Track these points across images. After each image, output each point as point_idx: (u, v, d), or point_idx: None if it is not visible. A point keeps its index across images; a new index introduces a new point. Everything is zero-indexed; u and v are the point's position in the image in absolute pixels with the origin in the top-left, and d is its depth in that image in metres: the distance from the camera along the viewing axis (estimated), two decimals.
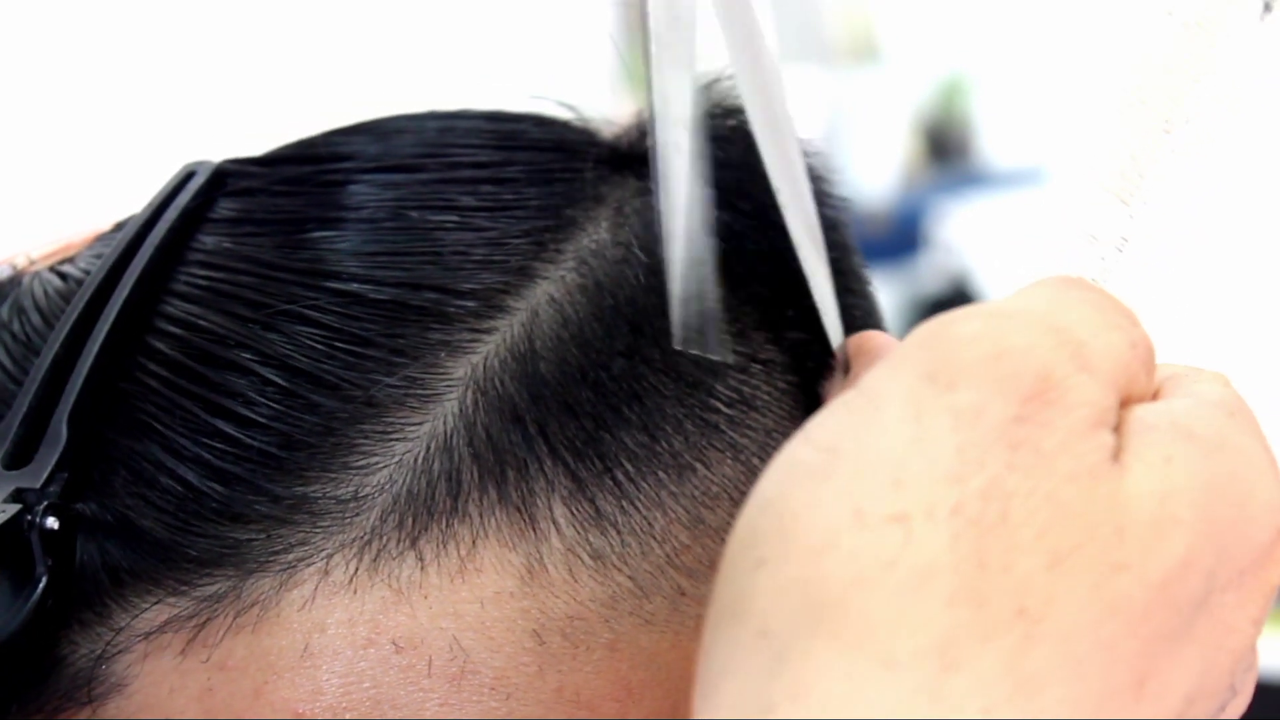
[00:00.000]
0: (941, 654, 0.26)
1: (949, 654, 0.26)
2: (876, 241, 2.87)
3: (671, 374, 0.36)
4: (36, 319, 0.38)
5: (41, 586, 0.34)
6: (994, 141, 3.44)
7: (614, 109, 0.43)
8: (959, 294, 2.70)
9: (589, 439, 0.35)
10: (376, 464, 0.35)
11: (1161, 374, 0.33)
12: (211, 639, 0.34)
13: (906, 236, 3.00)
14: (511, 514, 0.34)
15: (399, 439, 0.35)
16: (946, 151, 3.41)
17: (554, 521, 0.35)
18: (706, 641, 0.28)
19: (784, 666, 0.26)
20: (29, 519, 0.34)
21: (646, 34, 0.33)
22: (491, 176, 0.38)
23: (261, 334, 0.35)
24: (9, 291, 0.40)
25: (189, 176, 0.40)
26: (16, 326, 0.39)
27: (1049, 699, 0.26)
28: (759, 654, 0.27)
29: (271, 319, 0.36)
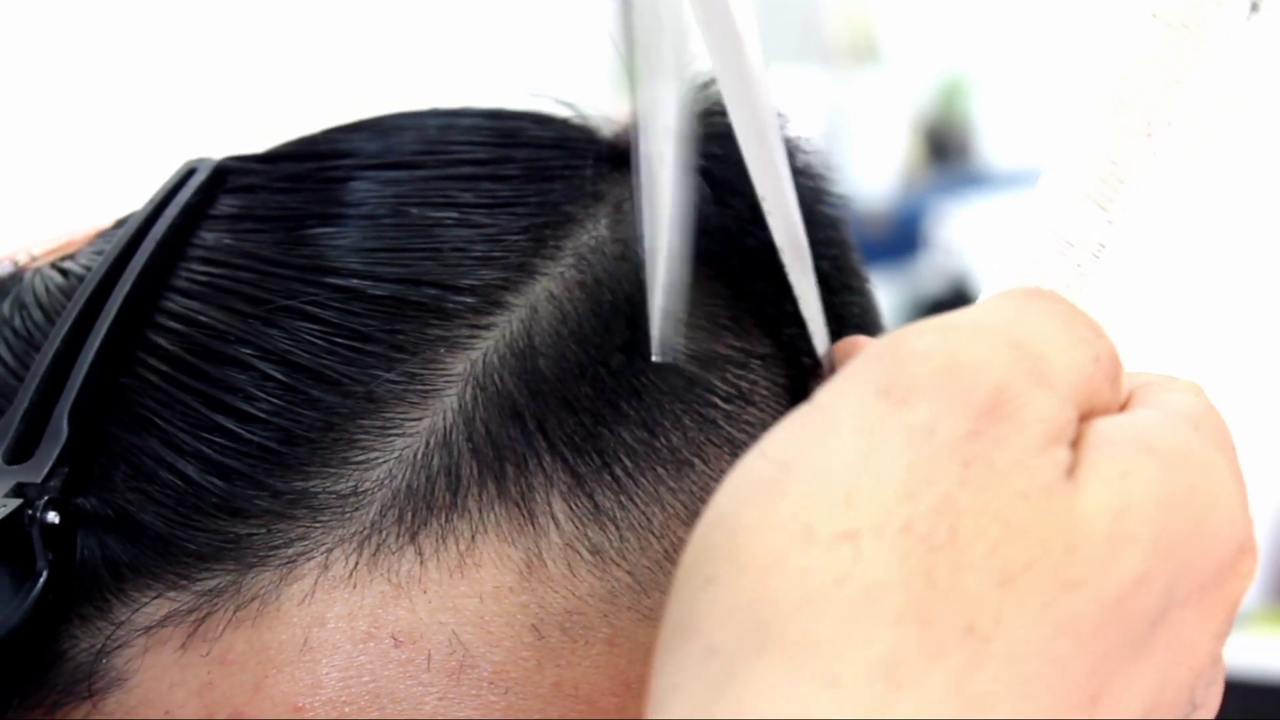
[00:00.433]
0: (888, 674, 0.26)
1: (896, 674, 0.26)
2: (876, 242, 2.87)
3: (670, 370, 0.37)
4: (38, 315, 0.39)
5: (42, 581, 0.34)
6: (994, 142, 3.45)
7: (613, 107, 0.44)
8: (959, 295, 2.70)
9: (588, 435, 0.35)
10: (376, 459, 0.35)
11: (1133, 383, 0.33)
12: (211, 633, 0.34)
13: (906, 237, 3.00)
14: (510, 509, 0.35)
15: (398, 434, 0.35)
16: (946, 152, 3.41)
17: (553, 517, 0.35)
18: (658, 658, 0.28)
19: (730, 685, 0.26)
20: (30, 513, 0.34)
21: (631, 42, 0.32)
22: (491, 174, 0.38)
23: (262, 329, 0.36)
24: (10, 287, 0.40)
25: (190, 173, 0.40)
26: (18, 322, 0.39)
27: (997, 718, 0.26)
28: (706, 672, 0.27)
29: (272, 315, 0.36)
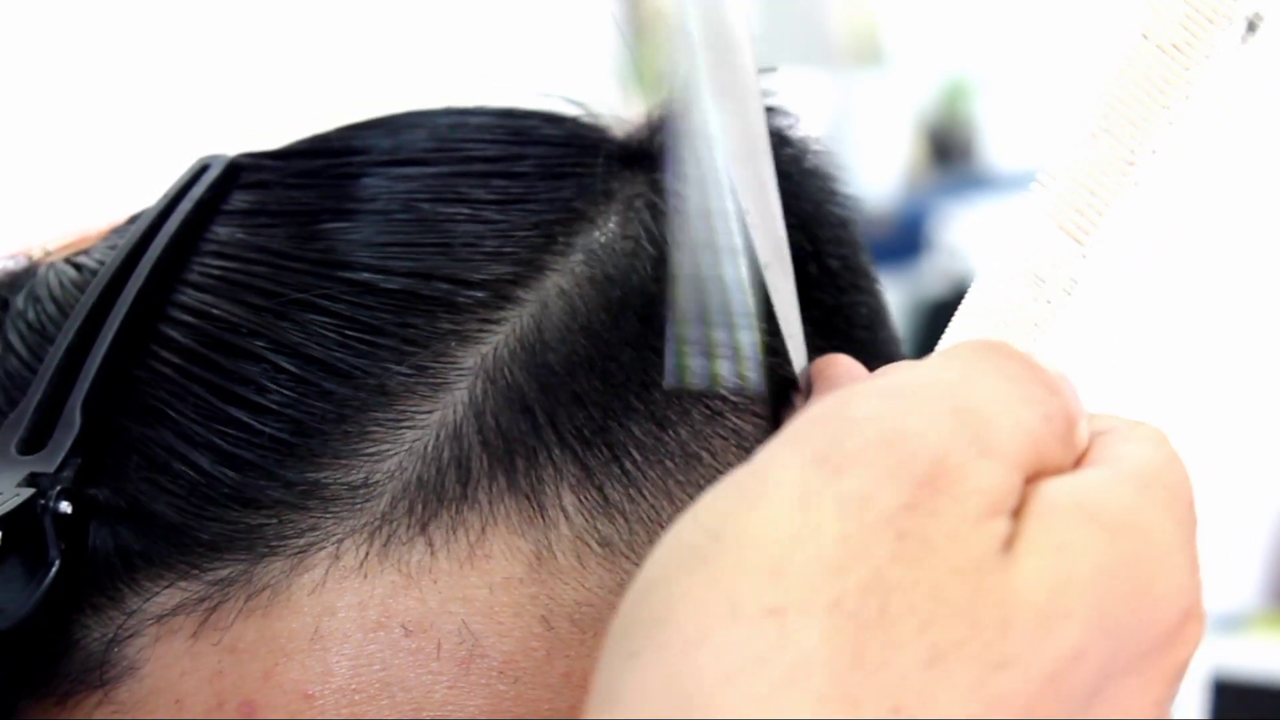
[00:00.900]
0: None
1: None
2: (879, 244, 2.87)
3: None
4: (51, 308, 0.39)
5: (54, 571, 0.34)
6: (997, 144, 3.45)
7: (621, 106, 0.44)
8: (961, 297, 2.70)
9: (597, 428, 0.36)
10: (387, 451, 0.35)
11: (1097, 426, 0.32)
12: (222, 622, 0.34)
13: (909, 239, 3.00)
14: (520, 501, 0.35)
15: (409, 427, 0.35)
16: (950, 154, 3.41)
17: (562, 509, 0.35)
18: None
19: None
20: (43, 503, 0.34)
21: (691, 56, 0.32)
22: (503, 171, 0.39)
23: (274, 322, 0.36)
24: (24, 281, 0.41)
25: (203, 169, 0.40)
26: (31, 315, 0.39)
27: None
28: None
29: (284, 308, 0.36)
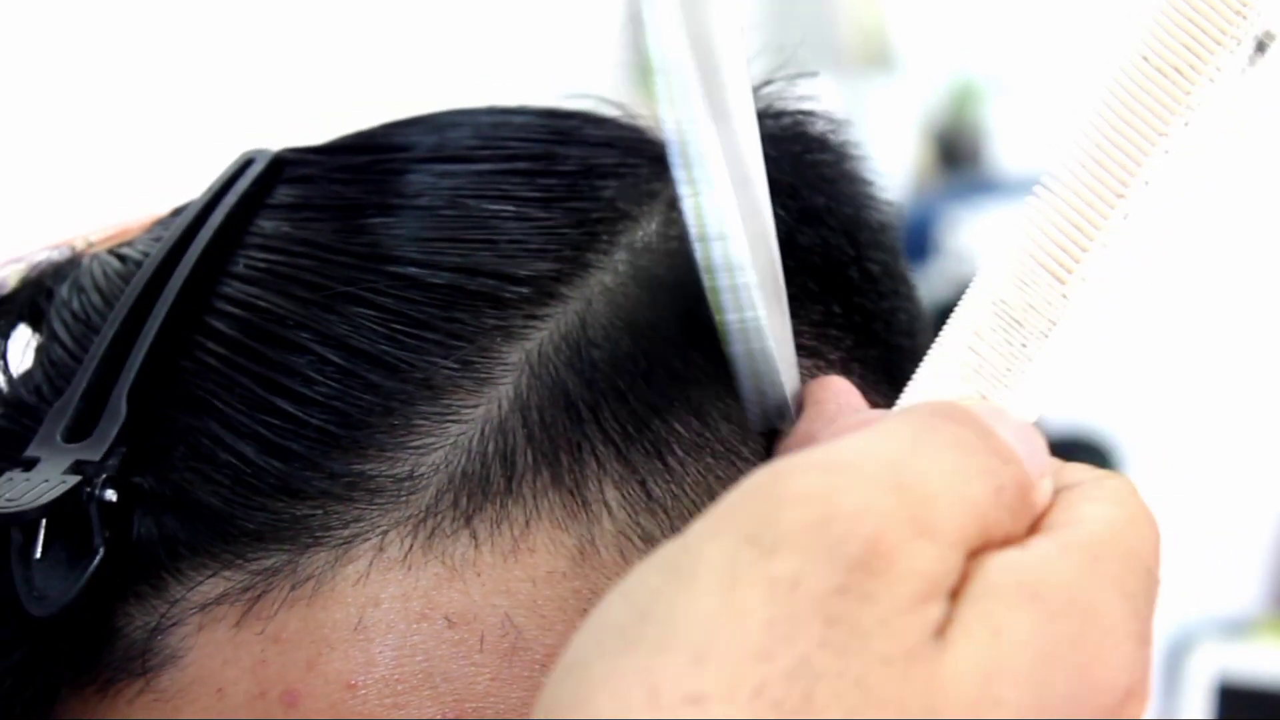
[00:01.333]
0: None
1: None
2: None
3: (721, 362, 0.37)
4: (96, 298, 0.39)
5: (99, 558, 0.34)
6: (1006, 149, 3.44)
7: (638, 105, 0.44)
8: None
9: (640, 424, 0.36)
10: (432, 444, 0.35)
11: (1063, 480, 0.32)
12: (266, 612, 0.34)
13: (917, 243, 2.99)
14: (564, 496, 0.35)
15: (454, 420, 0.35)
16: (958, 158, 3.41)
17: (605, 504, 0.35)
18: None
19: None
20: (88, 491, 0.34)
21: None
22: (546, 169, 0.39)
23: (320, 315, 0.36)
24: (68, 272, 0.41)
25: (248, 163, 0.40)
26: (76, 305, 0.39)
27: None
28: None
29: (331, 300, 0.36)
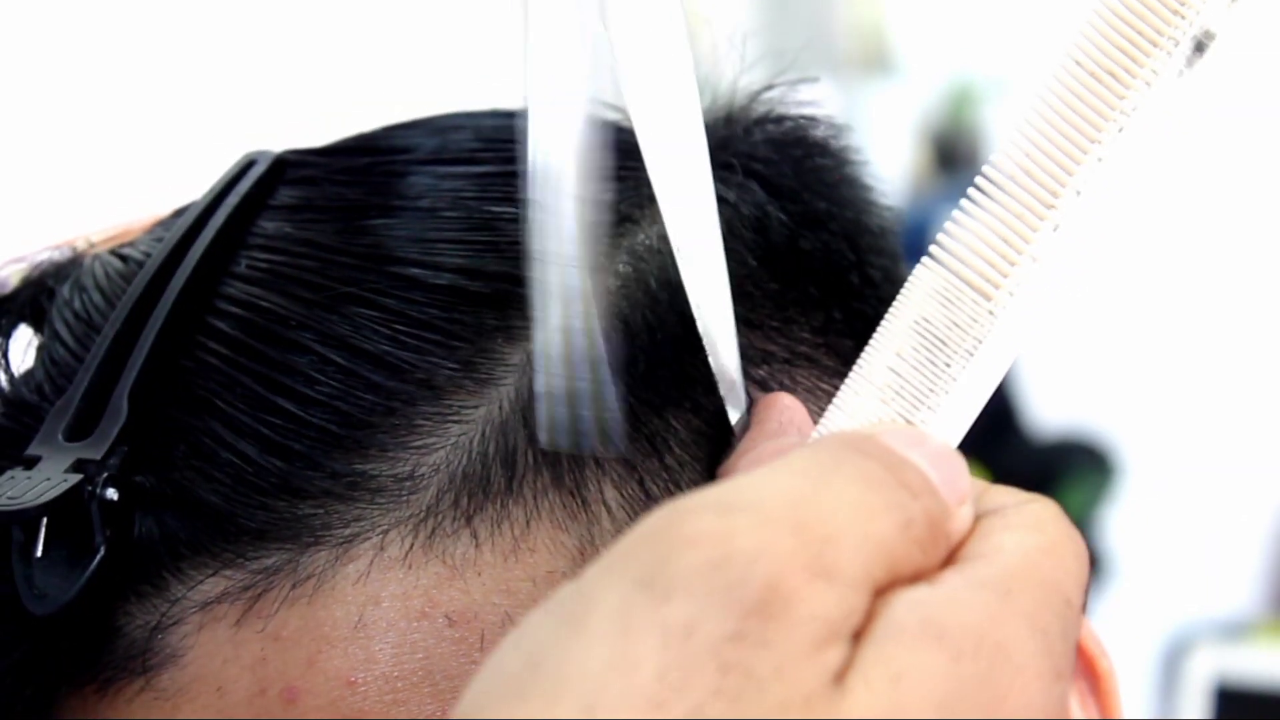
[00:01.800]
0: None
1: None
2: None
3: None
4: (97, 297, 0.39)
5: (99, 557, 0.34)
6: None
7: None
8: None
9: (639, 424, 0.36)
10: (434, 445, 0.35)
11: (986, 504, 0.31)
12: (266, 610, 0.34)
13: (915, 246, 2.99)
14: (565, 496, 0.35)
15: (455, 421, 0.35)
16: (956, 161, 3.41)
17: (605, 504, 0.35)
18: None
19: None
20: (90, 489, 0.35)
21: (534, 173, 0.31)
22: None
23: (322, 315, 0.36)
24: (70, 271, 0.41)
25: (250, 165, 0.41)
26: (78, 304, 0.39)
27: None
28: None
29: (332, 301, 0.36)
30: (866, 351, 0.33)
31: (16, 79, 1.24)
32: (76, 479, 0.35)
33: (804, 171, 0.41)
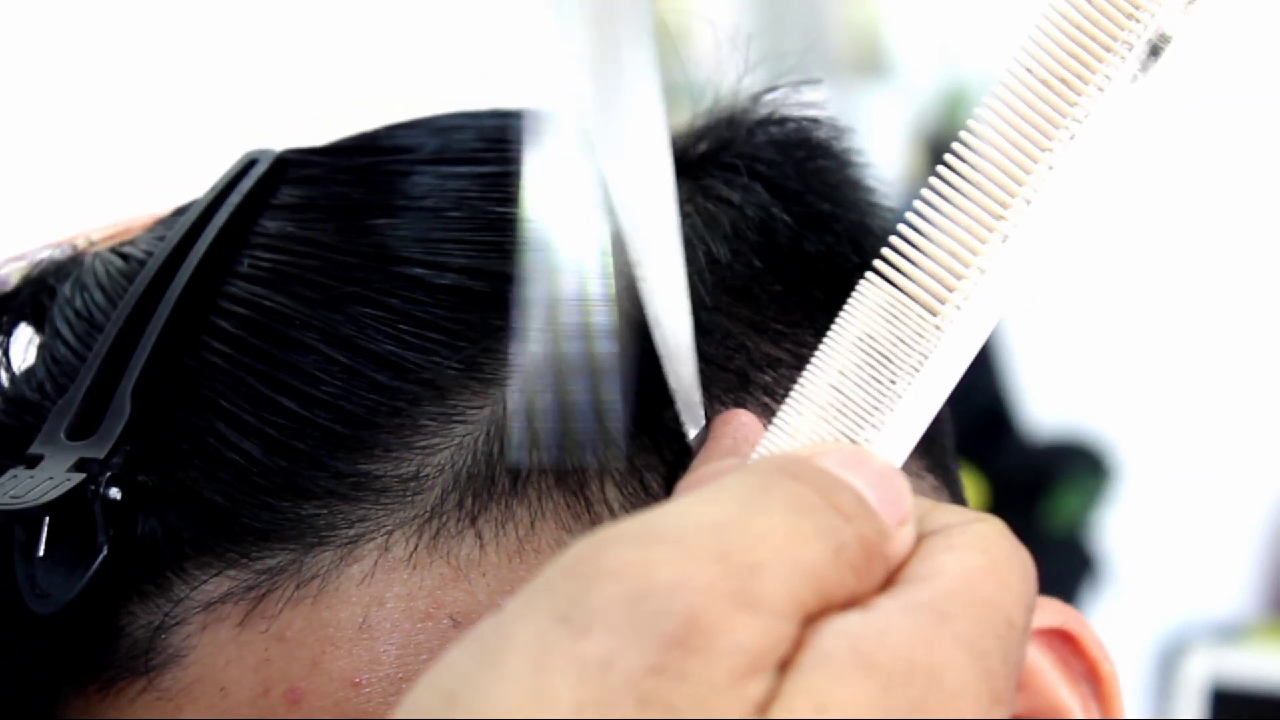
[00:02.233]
0: None
1: None
2: None
3: (719, 364, 0.37)
4: (99, 296, 0.39)
5: (102, 556, 0.34)
6: None
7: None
8: None
9: (640, 422, 0.36)
10: (438, 445, 0.35)
11: (930, 524, 0.30)
12: (270, 610, 0.34)
13: None
14: (568, 496, 0.35)
15: (460, 421, 0.35)
16: None
17: (607, 503, 0.35)
18: None
19: None
20: (93, 489, 0.34)
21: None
22: None
23: (326, 315, 0.36)
24: (70, 270, 0.41)
25: (251, 163, 0.40)
26: (79, 303, 0.39)
27: None
28: None
29: (336, 300, 0.36)
30: (809, 370, 0.33)
31: (16, 79, 1.24)
32: (79, 478, 0.34)
33: (807, 173, 0.41)
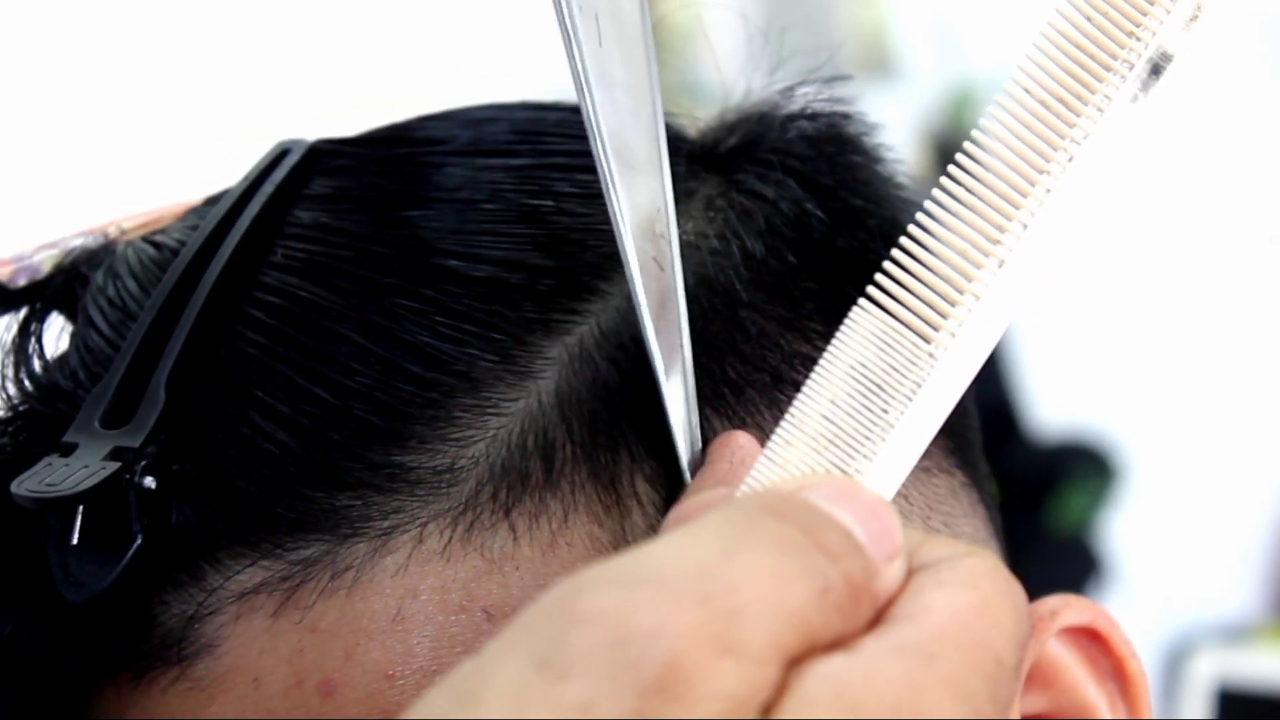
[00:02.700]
0: None
1: None
2: None
3: (754, 363, 0.37)
4: (132, 285, 0.39)
5: (136, 545, 0.34)
6: None
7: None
8: None
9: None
10: (473, 437, 0.35)
11: (921, 558, 0.30)
12: (304, 601, 0.34)
13: None
14: (600, 490, 0.35)
15: (494, 413, 0.35)
16: None
17: (637, 496, 0.35)
18: None
19: None
20: (128, 478, 0.34)
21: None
22: (584, 165, 0.39)
23: (361, 306, 0.36)
24: (102, 258, 0.41)
25: (284, 154, 0.40)
26: (112, 291, 0.39)
27: None
28: None
29: (371, 292, 0.36)
30: (800, 399, 0.32)
31: (16, 78, 1.24)
32: (115, 467, 0.34)
33: (839, 169, 0.41)
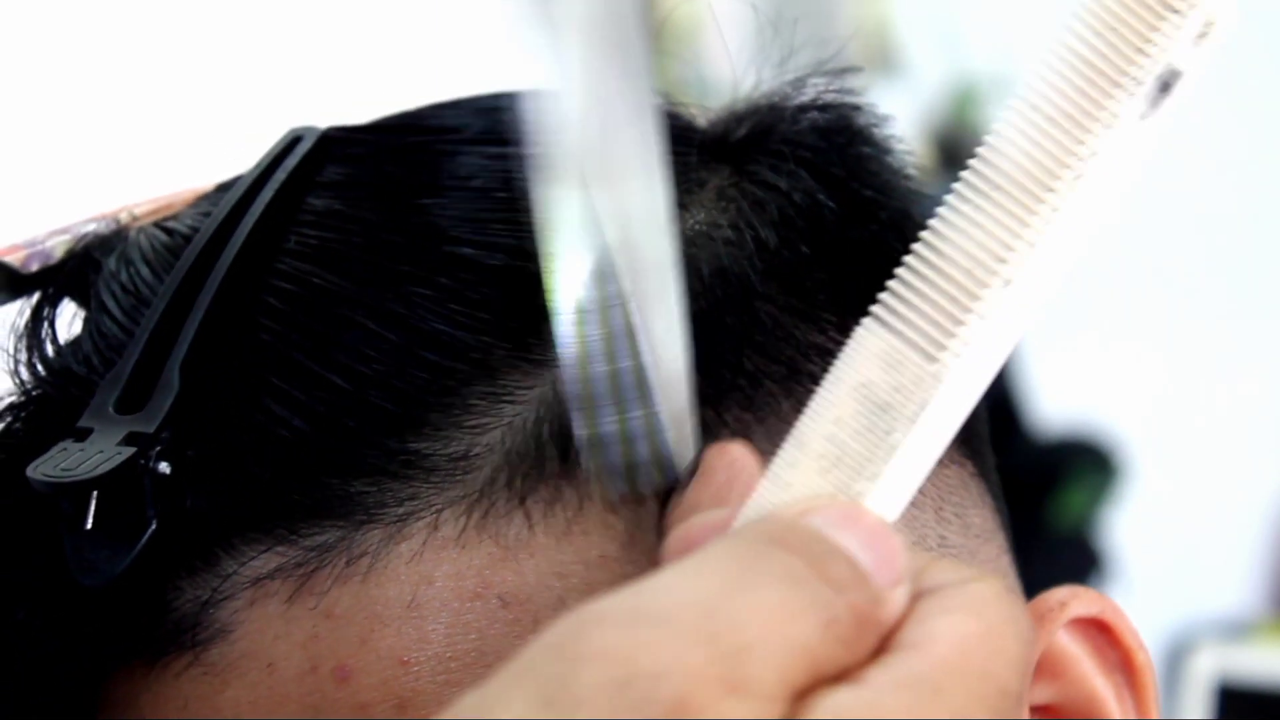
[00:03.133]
0: None
1: None
2: None
3: (770, 354, 0.37)
4: (145, 270, 0.39)
5: (151, 531, 0.34)
6: None
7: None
8: None
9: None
10: (488, 425, 0.35)
11: (926, 582, 0.30)
12: (319, 587, 0.34)
13: None
14: None
15: (509, 401, 0.35)
16: (959, 162, 3.39)
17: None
18: None
19: None
20: (143, 463, 0.34)
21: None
22: None
23: (376, 293, 0.36)
24: (115, 244, 0.41)
25: (296, 140, 0.40)
26: (125, 277, 0.39)
27: None
28: None
29: (386, 279, 0.36)
30: (803, 419, 0.31)
31: (27, 65, 1.24)
32: (130, 452, 0.34)
33: (850, 160, 0.41)
